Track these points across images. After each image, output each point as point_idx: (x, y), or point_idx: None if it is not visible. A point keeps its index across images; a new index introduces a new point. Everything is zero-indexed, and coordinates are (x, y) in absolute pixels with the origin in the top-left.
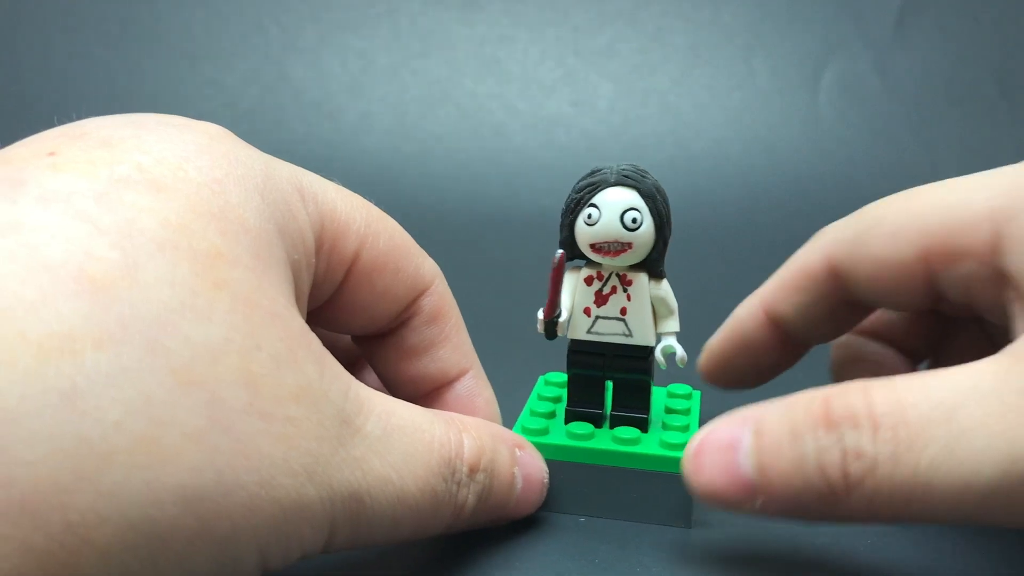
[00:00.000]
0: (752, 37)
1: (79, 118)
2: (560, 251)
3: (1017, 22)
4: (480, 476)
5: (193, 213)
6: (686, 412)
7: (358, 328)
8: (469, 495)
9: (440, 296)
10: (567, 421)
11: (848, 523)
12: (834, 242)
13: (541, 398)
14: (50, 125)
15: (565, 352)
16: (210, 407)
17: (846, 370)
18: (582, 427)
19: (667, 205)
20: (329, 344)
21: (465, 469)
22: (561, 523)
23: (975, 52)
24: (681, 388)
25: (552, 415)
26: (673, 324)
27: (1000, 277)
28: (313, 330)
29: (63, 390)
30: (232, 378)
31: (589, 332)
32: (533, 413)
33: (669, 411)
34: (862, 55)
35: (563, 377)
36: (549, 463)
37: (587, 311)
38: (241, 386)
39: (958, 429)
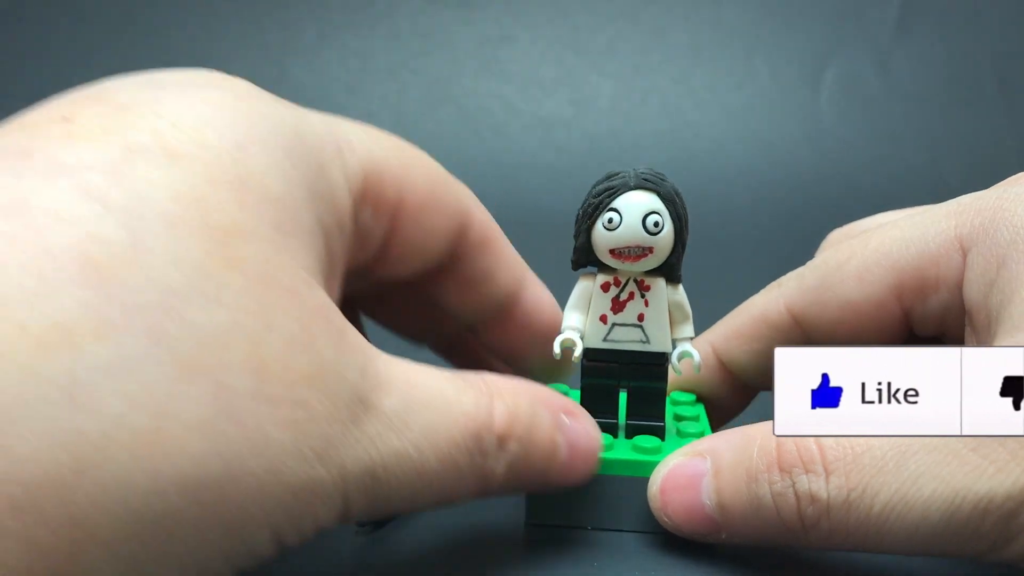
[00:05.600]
0: (753, 36)
1: None
2: None
3: (1017, 22)
4: (512, 445)
5: (209, 183)
6: (697, 419)
7: (413, 270)
8: (498, 465)
9: (482, 220)
10: None
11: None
12: (796, 290)
13: None
14: None
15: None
16: (215, 396)
17: None
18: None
19: (685, 208)
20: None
21: (494, 440)
22: (561, 532)
23: (976, 52)
24: (683, 396)
25: None
26: (689, 329)
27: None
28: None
29: (62, 384)
30: (240, 364)
31: (605, 340)
32: None
33: (679, 418)
34: (863, 55)
35: (563, 387)
36: None
37: (603, 318)
38: (249, 372)
39: (909, 476)
